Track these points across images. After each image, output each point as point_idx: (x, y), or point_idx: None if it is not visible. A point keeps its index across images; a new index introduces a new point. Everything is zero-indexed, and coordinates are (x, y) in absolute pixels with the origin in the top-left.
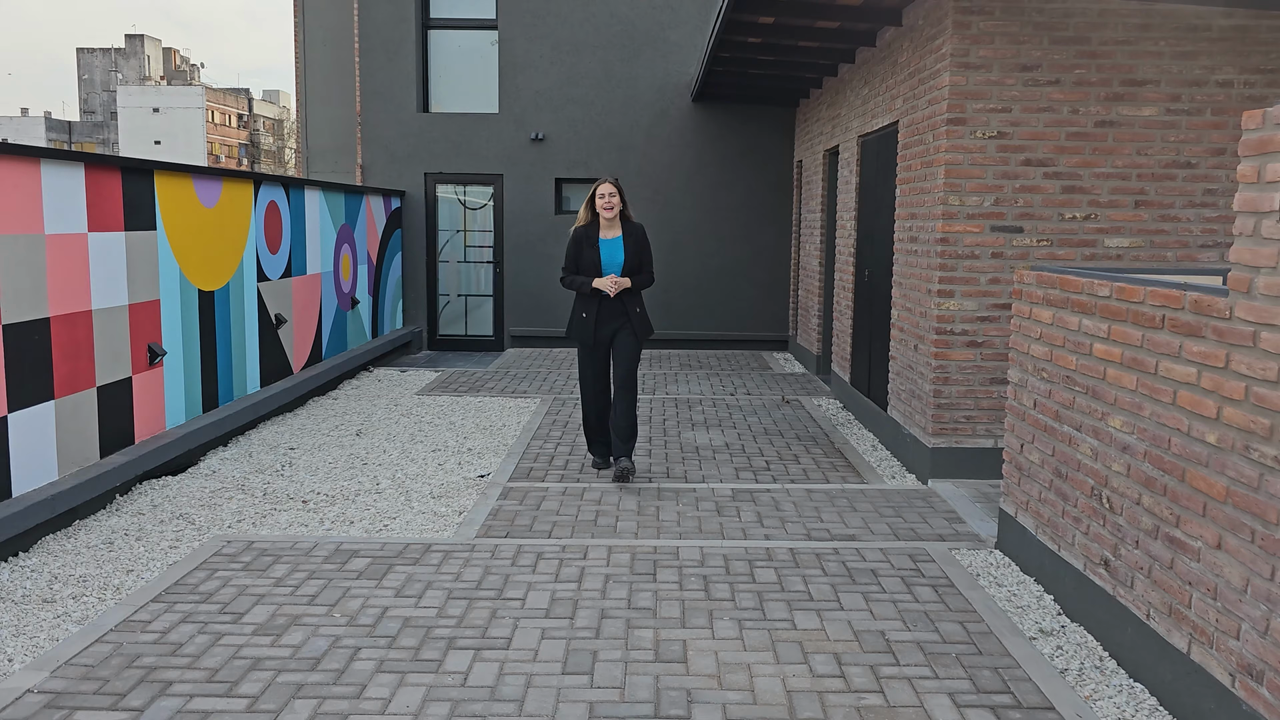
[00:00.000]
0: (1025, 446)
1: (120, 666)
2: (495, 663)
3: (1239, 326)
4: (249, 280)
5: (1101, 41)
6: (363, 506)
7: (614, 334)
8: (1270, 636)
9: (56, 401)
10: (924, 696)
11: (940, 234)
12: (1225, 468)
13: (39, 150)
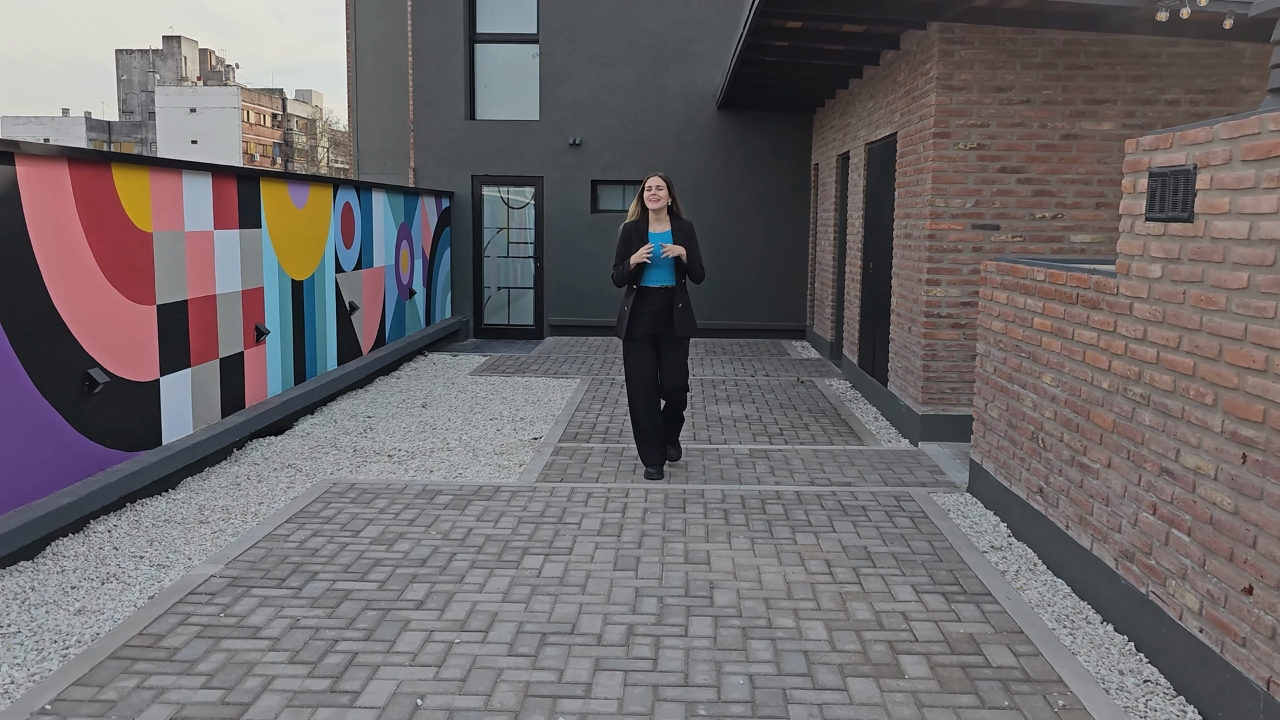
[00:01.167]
0: (988, 405)
1: (275, 562)
2: (561, 562)
3: (1122, 300)
4: (329, 271)
5: (1066, 66)
6: (438, 460)
7: (662, 333)
8: (1138, 527)
9: (192, 369)
10: (892, 586)
11: (928, 231)
12: (1112, 406)
13: (180, 163)
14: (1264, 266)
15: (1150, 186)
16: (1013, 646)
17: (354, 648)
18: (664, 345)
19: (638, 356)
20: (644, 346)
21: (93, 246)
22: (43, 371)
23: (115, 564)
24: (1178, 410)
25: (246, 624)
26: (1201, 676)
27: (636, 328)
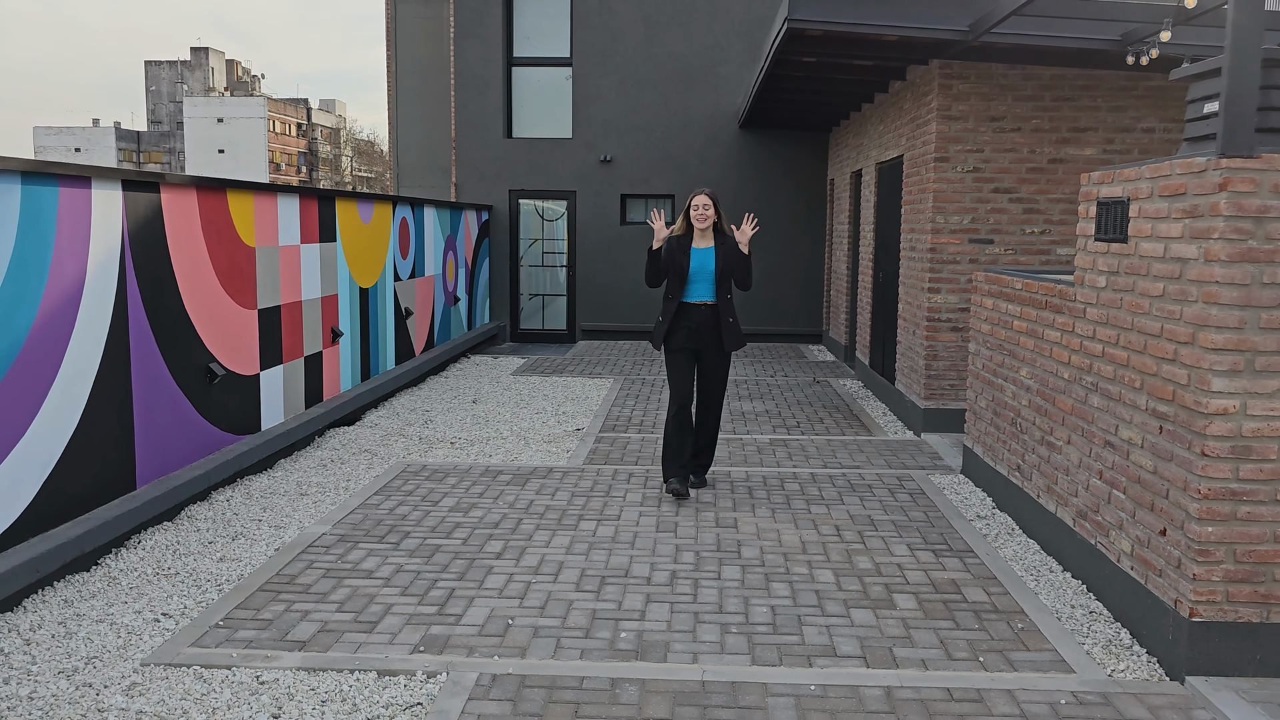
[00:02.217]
0: (977, 397)
1: (373, 524)
2: (611, 526)
3: (1078, 305)
4: (389, 280)
5: (1052, 99)
6: (494, 447)
7: (702, 347)
8: (1089, 491)
9: (284, 365)
10: (890, 545)
11: (930, 244)
12: (1071, 393)
13: (275, 186)
14: (1173, 279)
15: (1098, 213)
16: (986, 588)
17: (451, 585)
18: (704, 360)
19: (675, 366)
20: (682, 358)
21: (212, 259)
22: (177, 365)
23: (239, 525)
24: (1116, 394)
25: (361, 568)
26: (1131, 603)
27: (674, 340)
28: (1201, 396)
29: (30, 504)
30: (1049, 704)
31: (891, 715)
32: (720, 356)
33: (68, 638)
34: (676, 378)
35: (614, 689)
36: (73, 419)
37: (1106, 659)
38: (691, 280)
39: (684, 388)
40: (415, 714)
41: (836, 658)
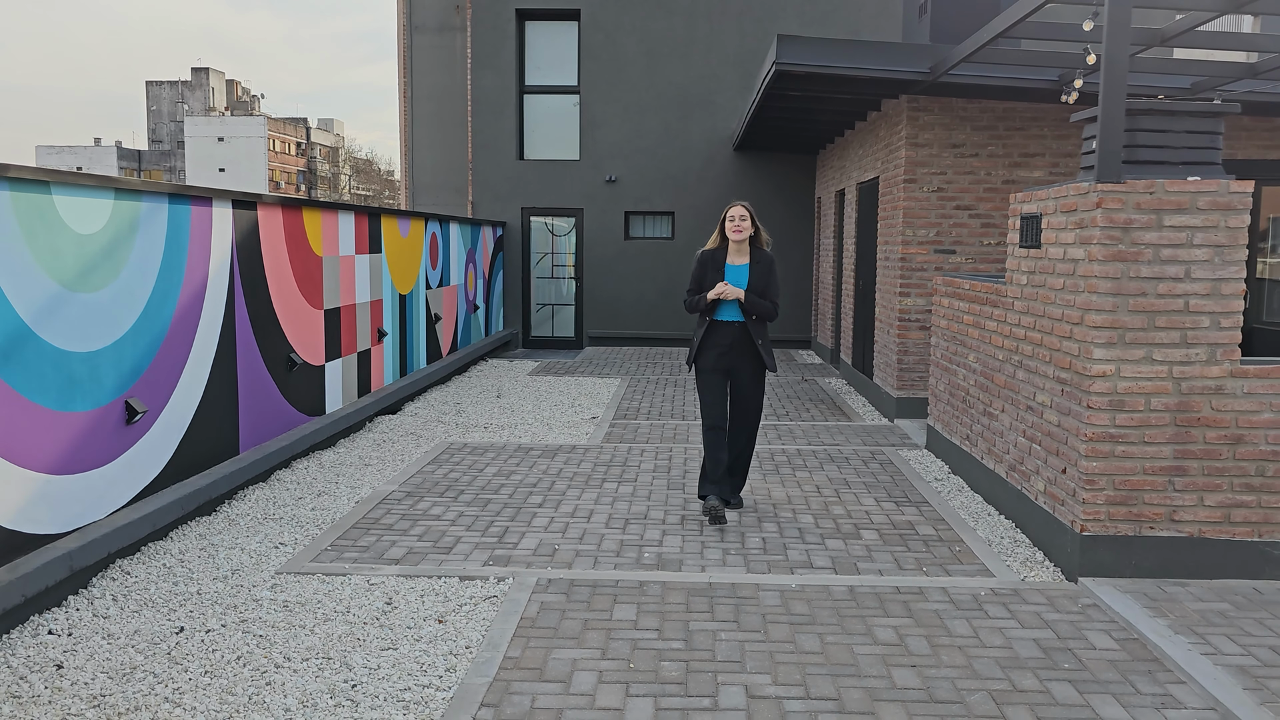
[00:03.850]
0: (937, 382)
1: (431, 485)
2: (630, 485)
3: (1008, 300)
4: (421, 288)
5: (1005, 128)
6: (523, 430)
7: (733, 367)
8: (1017, 448)
9: (342, 359)
10: (860, 499)
11: (901, 255)
12: (1004, 371)
13: (336, 204)
14: (1069, 275)
15: (1021, 226)
16: (935, 526)
17: (505, 525)
18: (736, 380)
19: (706, 387)
20: (713, 378)
21: (292, 266)
22: (268, 354)
23: (320, 486)
24: (1034, 367)
25: (430, 514)
26: (1044, 530)
27: (704, 359)
28: (1088, 364)
29: (171, 458)
30: (972, 596)
31: (852, 603)
32: (753, 378)
33: (211, 558)
34: (707, 398)
35: (642, 587)
36: (198, 393)
37: (1021, 569)
38: (724, 300)
39: (716, 408)
40: (493, 603)
41: (813, 569)
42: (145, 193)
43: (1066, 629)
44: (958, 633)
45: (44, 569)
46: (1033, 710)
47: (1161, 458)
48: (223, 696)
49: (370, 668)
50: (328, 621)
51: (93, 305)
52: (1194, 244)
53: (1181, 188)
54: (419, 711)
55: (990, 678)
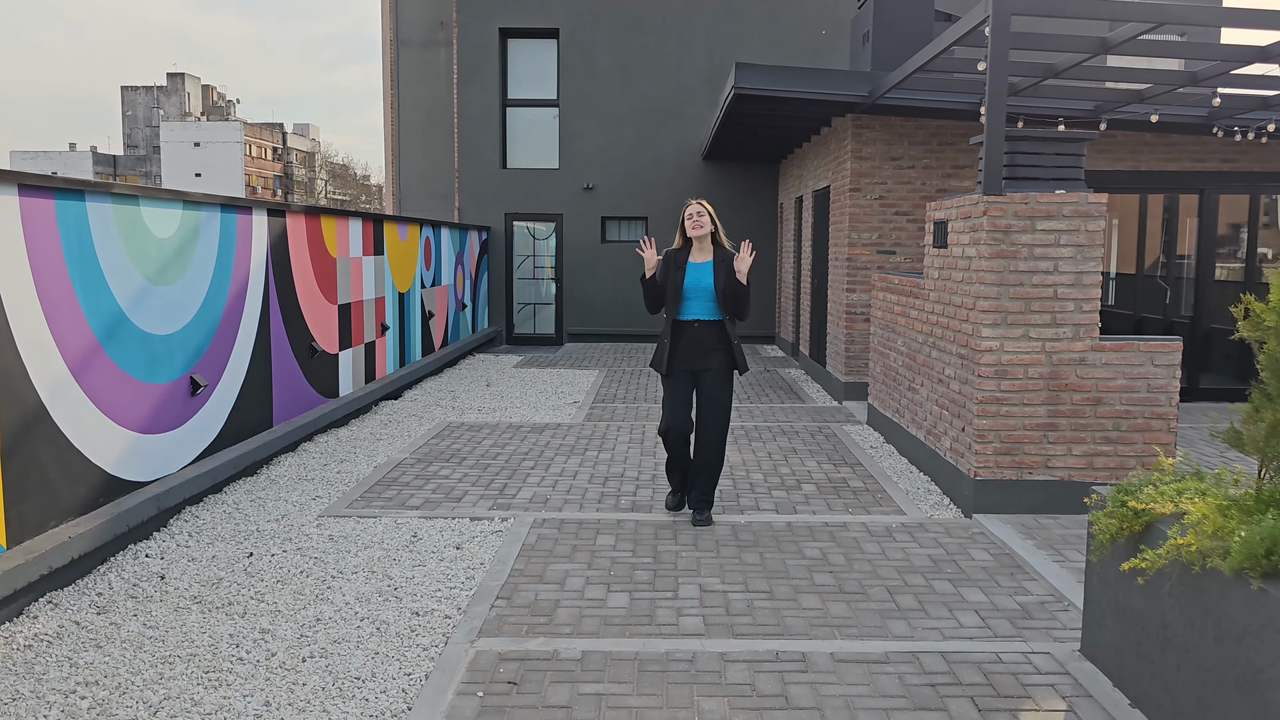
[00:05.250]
0: (875, 365)
1: (438, 454)
2: (609, 453)
3: (925, 291)
4: (417, 287)
5: (939, 144)
6: (513, 412)
7: (700, 368)
8: (931, 415)
9: (352, 349)
10: (804, 460)
11: (848, 255)
12: (923, 351)
13: (347, 212)
14: (966, 269)
15: (933, 230)
16: (865, 482)
17: (504, 482)
18: (702, 380)
19: (670, 388)
20: (677, 380)
21: (313, 266)
22: (294, 342)
23: (343, 454)
24: (944, 347)
25: (439, 475)
26: (949, 478)
27: (671, 361)
28: (979, 341)
29: (223, 427)
30: (885, 528)
31: (788, 532)
32: (721, 380)
33: (262, 506)
34: (670, 401)
35: (619, 524)
36: (242, 372)
37: (929, 509)
38: (687, 297)
39: (679, 412)
40: (500, 535)
41: (759, 511)
42: (204, 204)
43: (955, 548)
44: (868, 551)
45: (139, 507)
46: (916, 595)
47: (1037, 416)
48: (295, 595)
49: (407, 578)
50: (367, 549)
51: (168, 296)
52: (1060, 244)
53: (1050, 199)
54: (449, 603)
55: (888, 578)
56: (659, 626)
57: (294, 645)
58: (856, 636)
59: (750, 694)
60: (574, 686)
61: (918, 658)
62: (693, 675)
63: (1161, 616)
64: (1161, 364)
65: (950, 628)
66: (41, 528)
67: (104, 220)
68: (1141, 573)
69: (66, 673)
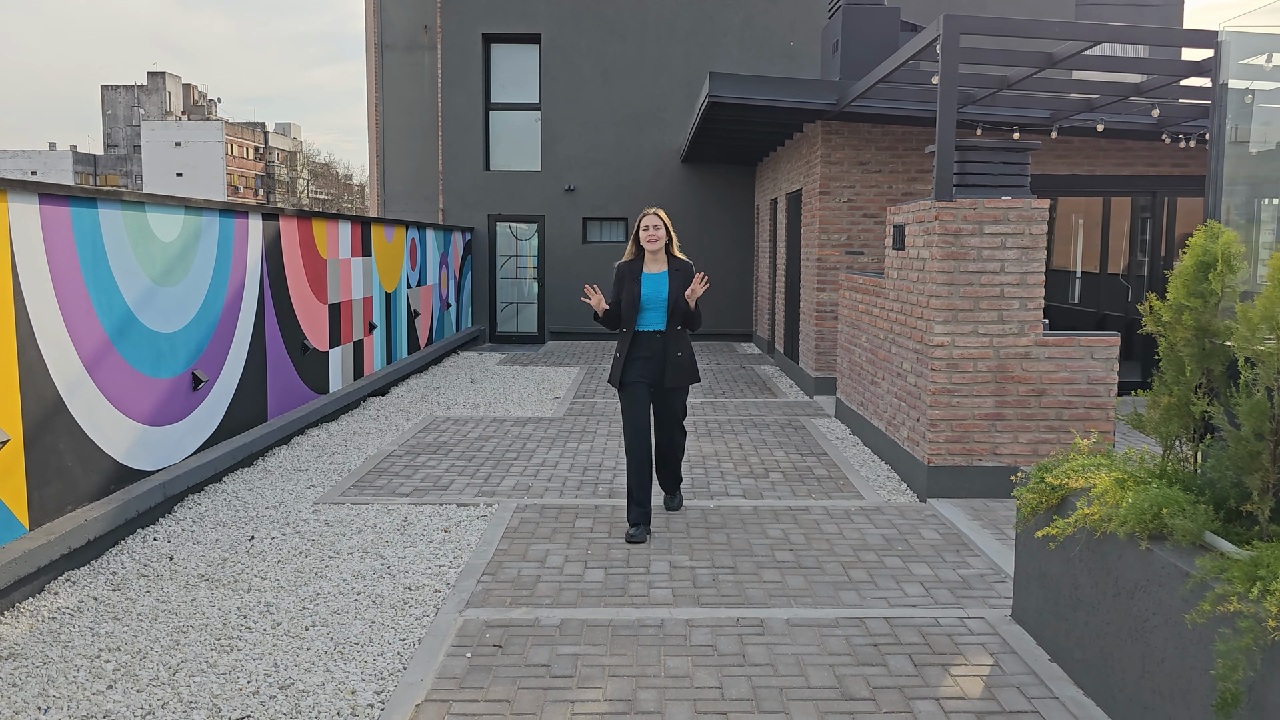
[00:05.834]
0: (842, 360)
1: (424, 446)
2: (589, 444)
3: (886, 290)
4: (403, 287)
5: (905, 149)
6: (497, 407)
7: (655, 380)
8: (891, 407)
9: (342, 346)
10: (773, 451)
11: (818, 256)
12: (884, 347)
13: (337, 215)
14: (921, 270)
15: (892, 232)
16: (829, 470)
17: (488, 471)
18: (661, 393)
19: (629, 402)
20: (636, 391)
21: (305, 267)
22: (287, 339)
23: (335, 446)
24: (902, 343)
25: (427, 465)
26: (906, 466)
27: (629, 373)
28: (931, 337)
29: (221, 420)
30: (844, 511)
31: (754, 515)
32: (678, 391)
33: (259, 495)
34: (629, 414)
35: (596, 509)
36: (239, 368)
37: (886, 494)
38: (644, 308)
39: (639, 425)
40: (485, 519)
41: (728, 496)
42: (204, 209)
43: (907, 528)
44: (827, 531)
45: (146, 494)
46: (868, 569)
47: (986, 407)
48: (295, 573)
49: (399, 557)
50: (361, 532)
51: (172, 296)
52: (1006, 246)
53: (997, 205)
54: (439, 579)
55: (843, 555)
56: (631, 598)
57: (297, 616)
58: (810, 605)
59: (712, 654)
60: (553, 648)
61: (864, 622)
62: (660, 639)
63: (1074, 579)
64: (1100, 358)
65: (896, 597)
66: (60, 511)
67: (114, 226)
68: (1054, 539)
69: (89, 641)
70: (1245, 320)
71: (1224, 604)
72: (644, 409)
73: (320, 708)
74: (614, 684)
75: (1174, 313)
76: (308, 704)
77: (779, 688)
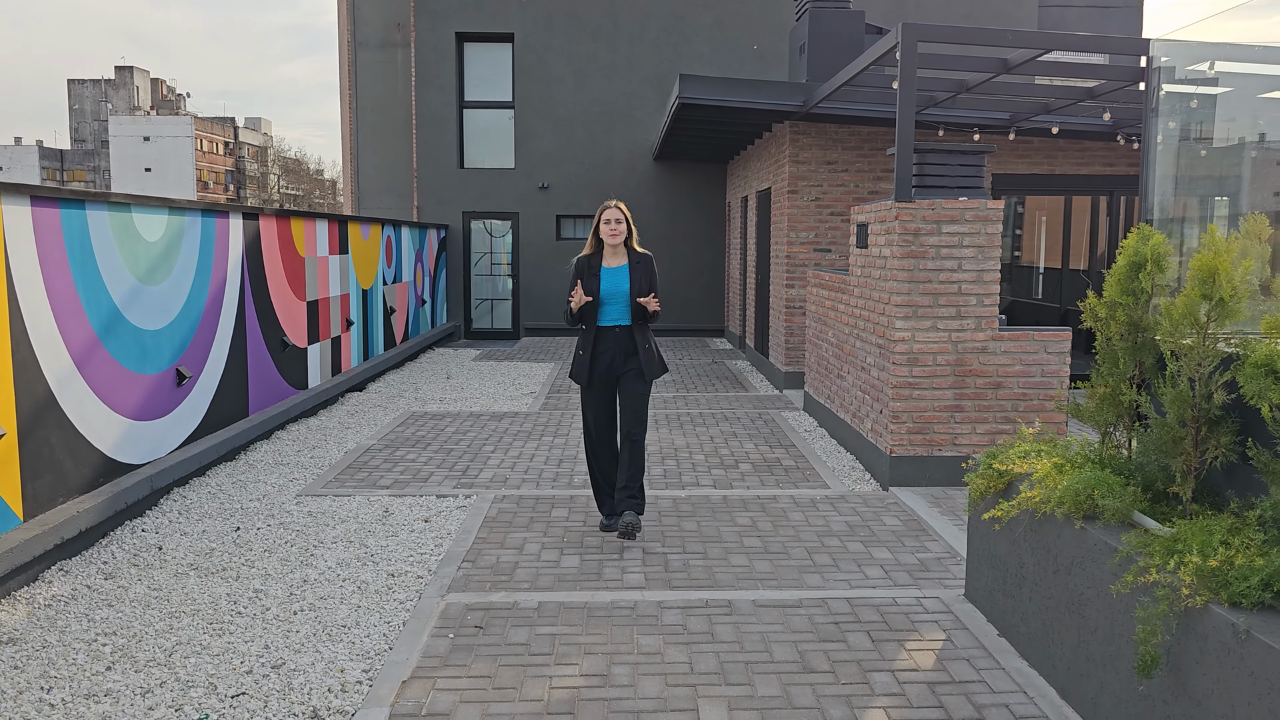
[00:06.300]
0: (810, 355)
1: (403, 440)
2: (564, 438)
3: (850, 287)
4: (379, 284)
5: (870, 149)
6: (473, 403)
7: (619, 375)
8: (856, 400)
9: (320, 343)
10: (743, 444)
11: (787, 253)
12: (850, 342)
13: (315, 214)
14: (883, 268)
15: (856, 231)
16: (796, 461)
17: (466, 464)
18: (623, 385)
19: (590, 400)
20: (599, 392)
21: (284, 265)
22: (267, 336)
23: (314, 441)
24: (866, 338)
25: (406, 459)
26: (870, 456)
27: (595, 369)
28: (893, 332)
29: (204, 415)
30: (810, 499)
31: (724, 504)
32: (641, 385)
33: (243, 488)
34: (590, 411)
35: (572, 499)
36: (221, 365)
37: (851, 484)
38: (605, 303)
39: (601, 422)
40: (464, 509)
41: (699, 486)
42: (187, 209)
43: (870, 515)
44: (793, 519)
45: (134, 487)
46: (831, 554)
47: (945, 399)
48: (282, 561)
49: (382, 546)
50: (344, 523)
51: (156, 295)
52: (963, 245)
53: (954, 205)
54: (420, 566)
55: (808, 541)
56: (605, 582)
57: (285, 602)
58: (776, 587)
59: (682, 632)
60: (532, 628)
61: (826, 603)
62: (633, 619)
63: (1019, 559)
64: (1053, 351)
65: (857, 579)
66: (52, 503)
67: (101, 227)
68: (999, 521)
69: (86, 626)
70: (1169, 317)
71: (1144, 575)
72: (608, 413)
73: (311, 685)
74: (589, 660)
75: (1109, 309)
76: (299, 681)
77: (745, 662)
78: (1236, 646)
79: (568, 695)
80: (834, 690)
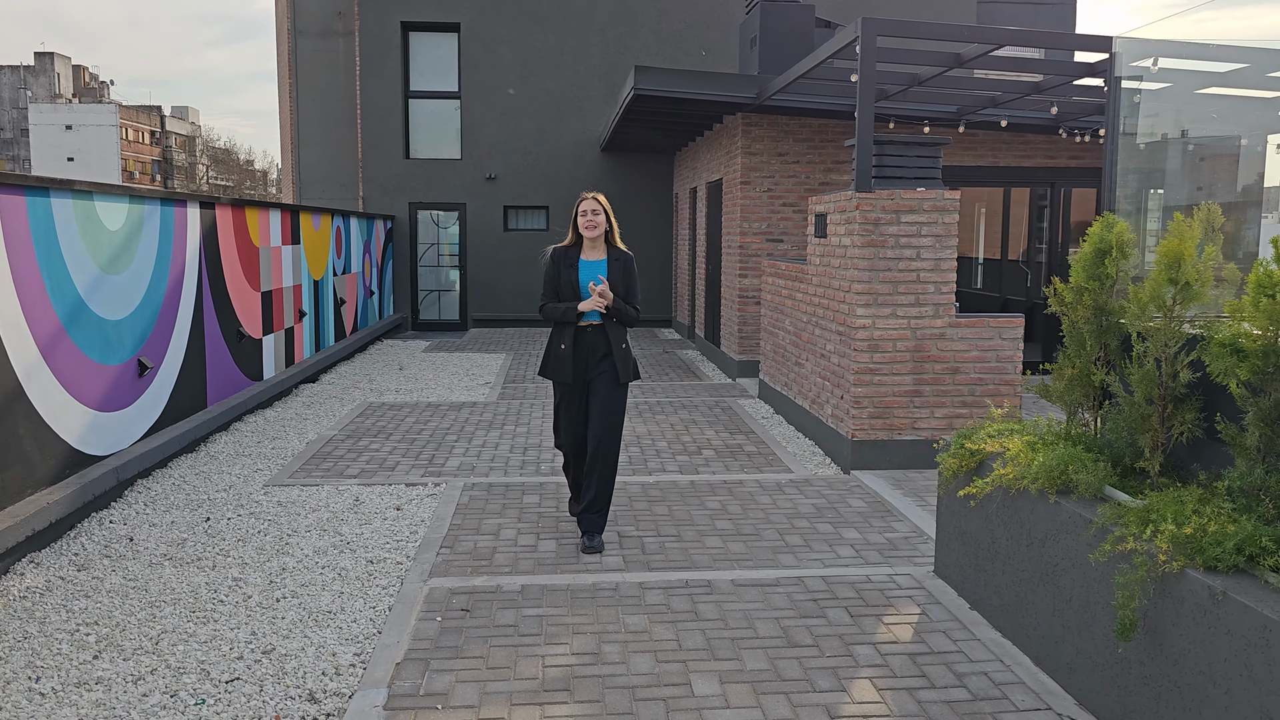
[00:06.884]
0: (765, 344)
1: (365, 430)
2: (525, 426)
3: (808, 275)
4: (330, 275)
5: (821, 141)
6: (430, 393)
7: (593, 376)
8: (815, 387)
9: (274, 334)
10: (703, 430)
11: (740, 243)
12: (807, 329)
13: (268, 204)
14: (843, 256)
15: (815, 220)
16: (758, 447)
17: (431, 453)
18: (595, 387)
19: (564, 400)
20: (573, 395)
21: (239, 255)
22: (225, 327)
23: (274, 432)
24: (825, 325)
25: (370, 448)
26: (831, 441)
27: (574, 369)
28: (854, 319)
29: (165, 406)
30: (775, 483)
31: (691, 489)
32: (615, 388)
33: (208, 479)
34: (563, 415)
35: (541, 486)
36: (180, 355)
37: (813, 468)
38: (584, 297)
39: (572, 426)
40: (435, 497)
41: (665, 472)
42: (146, 197)
43: (835, 498)
44: (761, 502)
45: (100, 478)
46: (802, 535)
47: (905, 384)
48: (257, 551)
49: (356, 534)
50: (315, 512)
51: (118, 284)
52: (921, 234)
53: (912, 195)
54: (399, 553)
55: (778, 523)
56: (585, 564)
57: (266, 589)
58: (753, 567)
59: (666, 611)
60: (518, 610)
61: (803, 581)
62: (617, 600)
63: (991, 534)
64: (1008, 337)
65: (830, 558)
66: (21, 495)
67: (65, 215)
68: (974, 498)
69: (65, 617)
70: (1136, 300)
71: (1122, 544)
72: (583, 408)
73: (305, 669)
74: (579, 639)
75: (1075, 294)
76: (292, 665)
77: (731, 639)
78: (1213, 607)
79: (562, 673)
80: (820, 663)
